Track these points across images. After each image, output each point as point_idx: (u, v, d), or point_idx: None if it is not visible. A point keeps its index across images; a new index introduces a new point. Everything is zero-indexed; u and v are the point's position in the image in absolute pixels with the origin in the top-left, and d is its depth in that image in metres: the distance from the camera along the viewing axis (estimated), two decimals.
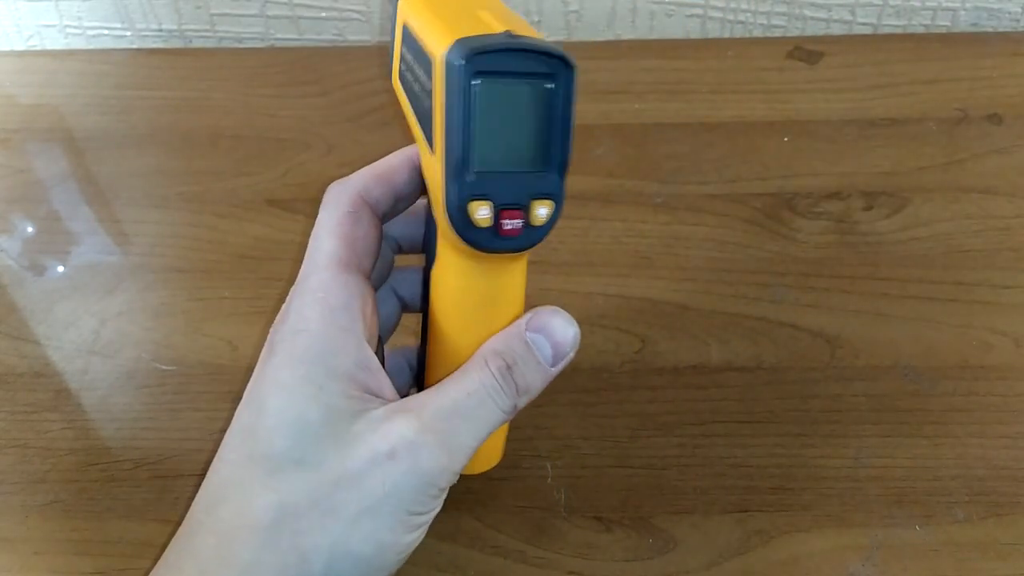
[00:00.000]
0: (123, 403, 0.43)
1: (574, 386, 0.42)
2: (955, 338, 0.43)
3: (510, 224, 0.28)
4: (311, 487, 0.27)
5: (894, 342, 0.43)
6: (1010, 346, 0.42)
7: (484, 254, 0.28)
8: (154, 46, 0.62)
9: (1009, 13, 0.58)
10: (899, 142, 0.52)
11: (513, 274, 0.31)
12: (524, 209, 0.28)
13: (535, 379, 0.30)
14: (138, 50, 0.61)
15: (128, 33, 0.62)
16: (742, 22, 0.59)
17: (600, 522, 0.38)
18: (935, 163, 0.50)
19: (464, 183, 0.27)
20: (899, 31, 0.59)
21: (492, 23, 0.27)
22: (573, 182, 0.50)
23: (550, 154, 0.28)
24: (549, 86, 0.27)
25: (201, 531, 0.28)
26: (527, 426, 0.41)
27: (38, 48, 0.63)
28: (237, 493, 0.28)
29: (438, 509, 0.30)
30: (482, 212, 0.27)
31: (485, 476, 0.39)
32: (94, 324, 0.46)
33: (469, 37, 0.26)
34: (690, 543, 0.37)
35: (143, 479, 0.40)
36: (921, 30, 0.59)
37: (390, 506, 0.28)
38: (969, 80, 0.55)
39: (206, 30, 0.61)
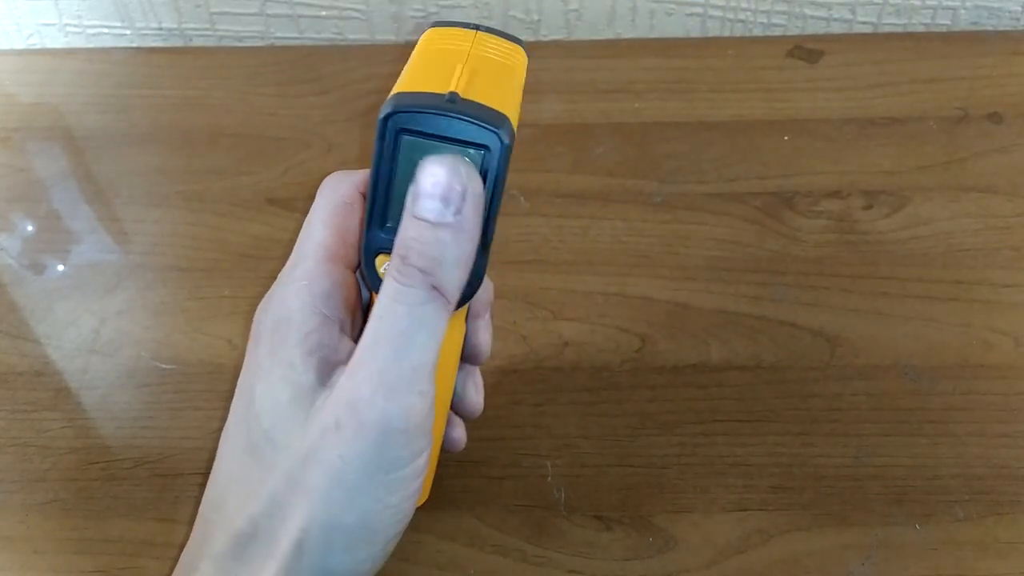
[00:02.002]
0: (123, 402, 0.43)
1: (574, 385, 0.42)
2: (955, 337, 0.43)
3: None
4: (285, 468, 0.27)
5: (894, 341, 0.43)
6: (1010, 345, 0.42)
7: None
8: (154, 45, 0.62)
9: (1009, 12, 0.58)
10: (899, 141, 0.52)
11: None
12: None
13: (440, 246, 0.26)
14: (138, 49, 0.61)
15: (128, 32, 0.62)
16: (742, 21, 0.59)
17: (600, 521, 0.38)
18: (935, 162, 0.50)
19: (376, 234, 0.27)
20: (899, 30, 0.59)
21: (453, 80, 0.27)
22: (574, 181, 0.51)
23: None
24: (478, 156, 0.26)
25: (213, 531, 0.28)
26: (527, 425, 0.41)
27: (38, 47, 0.63)
28: (238, 487, 0.28)
29: (421, 457, 0.28)
30: (387, 266, 0.27)
31: (485, 475, 0.39)
32: (94, 323, 0.46)
33: (408, 92, 0.26)
34: (690, 542, 0.37)
35: (143, 478, 0.40)
36: (921, 29, 0.59)
37: (355, 473, 0.26)
38: (969, 79, 0.55)
39: (206, 29, 0.61)
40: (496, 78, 0.28)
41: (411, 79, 0.27)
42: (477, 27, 0.30)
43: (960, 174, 0.50)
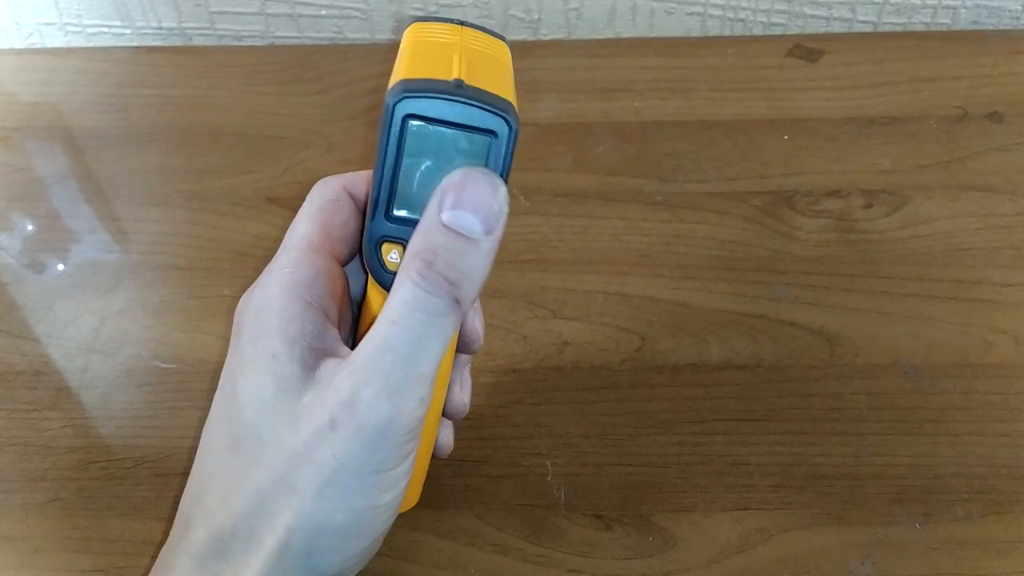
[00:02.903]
0: (123, 401, 0.43)
1: (574, 384, 0.42)
2: (955, 336, 0.43)
3: None
4: (272, 465, 0.27)
5: (894, 340, 0.43)
6: (1010, 344, 0.42)
7: None
8: (154, 44, 0.62)
9: (1010, 11, 0.58)
10: (899, 140, 0.51)
11: None
12: None
13: (469, 262, 0.26)
14: (138, 48, 0.61)
15: (128, 31, 0.62)
16: (742, 20, 0.59)
17: (600, 520, 0.38)
18: (935, 161, 0.50)
19: (381, 222, 0.27)
20: (899, 29, 0.59)
21: (453, 69, 0.27)
22: (574, 180, 0.51)
23: None
24: (485, 142, 0.26)
25: (193, 527, 0.28)
26: (527, 424, 0.41)
27: (38, 46, 0.63)
28: (220, 483, 0.28)
29: (410, 458, 0.28)
30: (392, 256, 0.27)
31: (485, 474, 0.39)
32: (94, 322, 0.46)
33: (415, 79, 0.26)
34: (690, 541, 0.37)
35: (143, 477, 0.40)
36: (921, 28, 0.59)
37: (349, 474, 0.26)
38: (969, 78, 0.55)
39: (206, 28, 0.61)
40: (491, 69, 0.28)
41: (410, 68, 0.27)
42: (461, 22, 0.30)
43: (960, 173, 0.50)
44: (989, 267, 0.45)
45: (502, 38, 0.31)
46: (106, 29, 0.62)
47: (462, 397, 0.34)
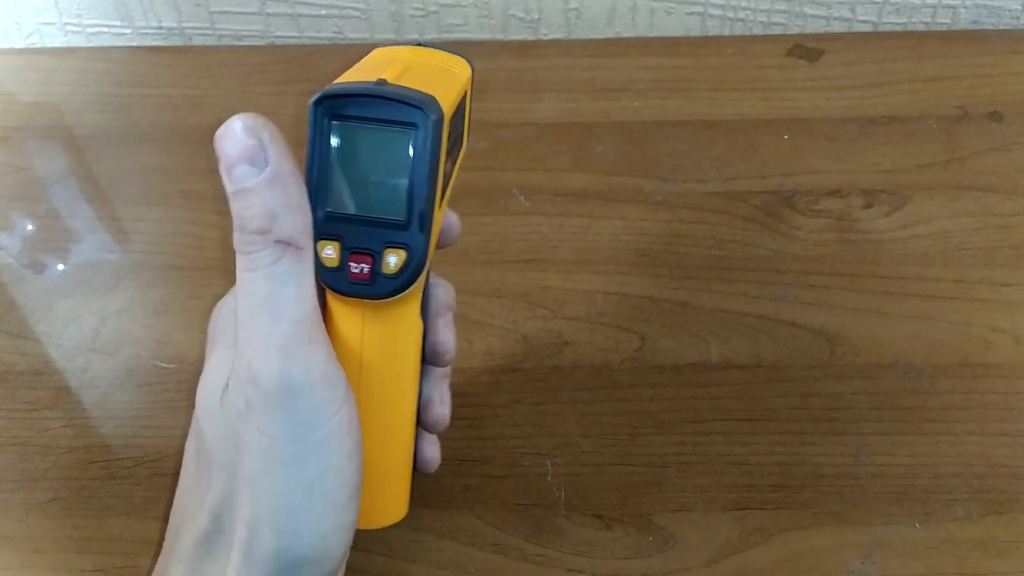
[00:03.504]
0: (123, 401, 0.43)
1: (574, 384, 0.42)
2: (955, 336, 0.43)
3: (356, 268, 0.28)
4: (224, 462, 0.27)
5: (894, 340, 0.43)
6: (1010, 344, 0.42)
7: (346, 298, 0.28)
8: (154, 44, 0.62)
9: (1009, 11, 0.58)
10: (899, 140, 0.52)
11: (391, 326, 0.30)
12: (374, 255, 0.28)
13: (265, 202, 0.26)
14: (138, 48, 0.61)
15: (128, 31, 0.62)
16: (742, 20, 0.59)
17: (600, 520, 0.38)
18: (935, 161, 0.50)
19: (315, 220, 0.28)
20: (899, 29, 0.59)
21: (384, 74, 0.28)
22: (574, 180, 0.51)
23: (408, 204, 0.28)
24: (405, 134, 0.27)
25: (180, 535, 0.29)
26: (527, 424, 0.41)
27: (38, 46, 0.63)
28: (195, 490, 0.28)
29: (344, 409, 0.27)
30: (327, 252, 0.28)
31: (485, 474, 0.39)
32: (94, 322, 0.46)
33: (339, 83, 0.28)
34: (690, 541, 0.37)
35: (143, 477, 0.40)
36: (921, 28, 0.59)
37: (280, 444, 0.26)
38: (969, 78, 0.55)
39: (206, 28, 0.61)
40: (430, 74, 0.29)
41: (344, 77, 0.29)
42: (420, 43, 0.32)
43: (960, 173, 0.50)
44: (989, 267, 0.45)
45: (465, 57, 0.33)
46: (106, 29, 0.62)
47: (442, 410, 0.33)
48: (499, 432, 0.40)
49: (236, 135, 0.27)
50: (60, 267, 0.48)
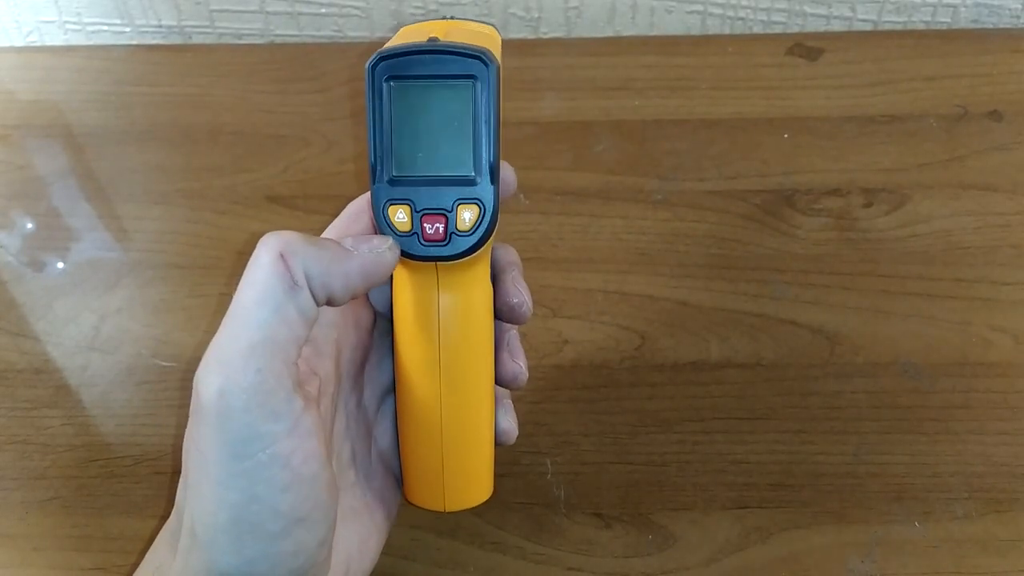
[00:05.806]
0: (123, 399, 0.43)
1: (574, 383, 0.42)
2: (955, 335, 0.43)
3: (431, 229, 0.27)
4: (188, 469, 0.27)
5: (894, 339, 0.43)
6: (1009, 343, 0.42)
7: (420, 263, 0.28)
8: (153, 42, 0.62)
9: (1010, 10, 0.58)
10: (899, 139, 0.51)
11: (466, 289, 0.29)
12: (447, 214, 0.27)
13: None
14: (137, 46, 0.61)
15: (127, 29, 0.62)
16: (742, 19, 0.59)
17: (600, 518, 0.38)
18: (935, 160, 0.50)
19: (384, 187, 0.27)
20: (899, 28, 0.59)
21: (430, 35, 0.28)
22: (574, 178, 0.51)
23: (475, 157, 0.27)
24: (466, 87, 0.27)
25: (158, 547, 0.29)
26: (527, 423, 0.41)
27: (37, 44, 0.63)
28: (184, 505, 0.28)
29: (281, 444, 0.25)
30: (399, 216, 0.27)
31: None
32: (94, 320, 0.46)
33: (391, 46, 0.27)
34: (689, 539, 0.37)
35: (143, 475, 0.40)
36: (921, 27, 0.59)
37: (211, 463, 0.25)
38: (969, 77, 0.54)
39: (205, 26, 0.61)
40: (472, 37, 0.29)
41: (390, 45, 0.28)
42: (450, 17, 0.32)
43: (960, 172, 0.50)
44: (989, 265, 0.45)
45: (493, 26, 0.32)
46: (106, 27, 0.62)
47: (515, 364, 0.32)
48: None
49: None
50: (60, 265, 0.48)
